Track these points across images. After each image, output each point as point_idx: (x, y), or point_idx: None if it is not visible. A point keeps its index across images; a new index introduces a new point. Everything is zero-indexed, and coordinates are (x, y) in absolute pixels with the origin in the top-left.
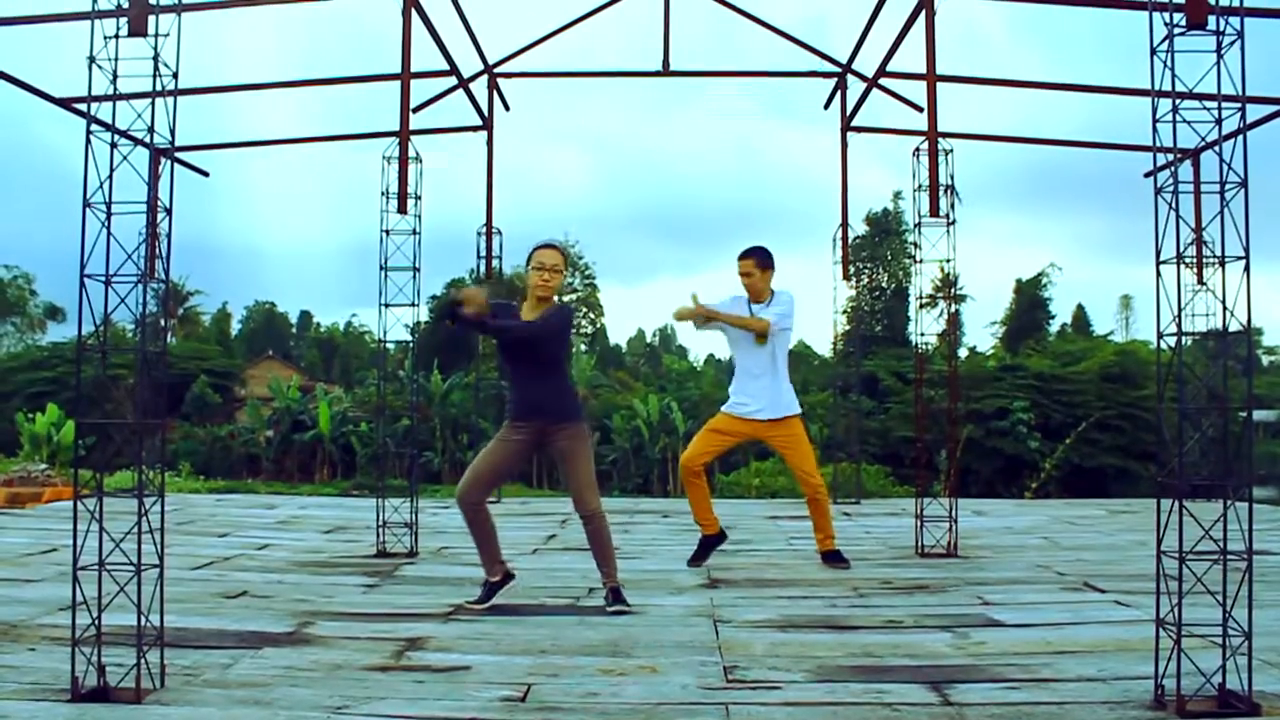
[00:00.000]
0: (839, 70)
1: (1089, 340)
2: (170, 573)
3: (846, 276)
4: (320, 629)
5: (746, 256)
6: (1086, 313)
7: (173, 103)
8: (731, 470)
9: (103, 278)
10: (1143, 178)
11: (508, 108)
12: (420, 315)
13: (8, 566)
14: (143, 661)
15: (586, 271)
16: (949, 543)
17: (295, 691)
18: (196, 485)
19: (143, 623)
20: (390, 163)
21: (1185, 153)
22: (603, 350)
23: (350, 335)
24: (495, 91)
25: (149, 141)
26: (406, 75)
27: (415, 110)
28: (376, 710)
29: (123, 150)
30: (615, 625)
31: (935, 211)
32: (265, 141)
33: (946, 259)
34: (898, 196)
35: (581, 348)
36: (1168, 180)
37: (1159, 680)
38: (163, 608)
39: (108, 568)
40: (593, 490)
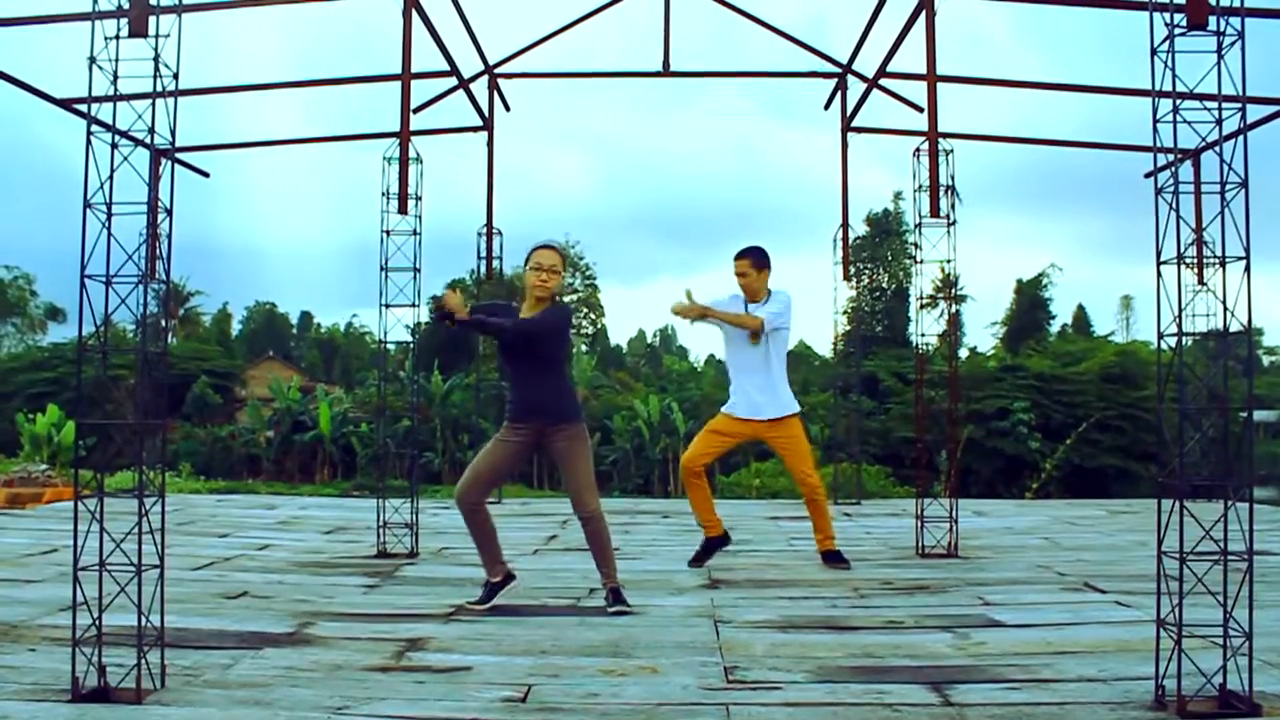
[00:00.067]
0: (839, 70)
1: (1089, 340)
2: (171, 573)
3: (847, 277)
4: (321, 629)
5: (742, 256)
6: (1087, 313)
7: (173, 103)
8: (732, 471)
9: (103, 278)
10: (1143, 178)
11: (508, 108)
12: (421, 316)
13: (8, 567)
14: (143, 662)
15: (587, 272)
16: (949, 543)
17: (295, 692)
18: (197, 486)
19: (143, 623)
20: (391, 163)
21: (1186, 153)
22: (603, 351)
23: (351, 336)
24: (496, 92)
25: (149, 142)
26: (407, 76)
27: (416, 111)
28: (377, 711)
29: (123, 151)
30: (616, 626)
31: (935, 212)
32: (266, 142)
33: (947, 259)
34: (898, 197)
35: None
36: (1168, 180)
37: (1160, 681)
38: (163, 608)
39: (108, 568)
40: (591, 491)
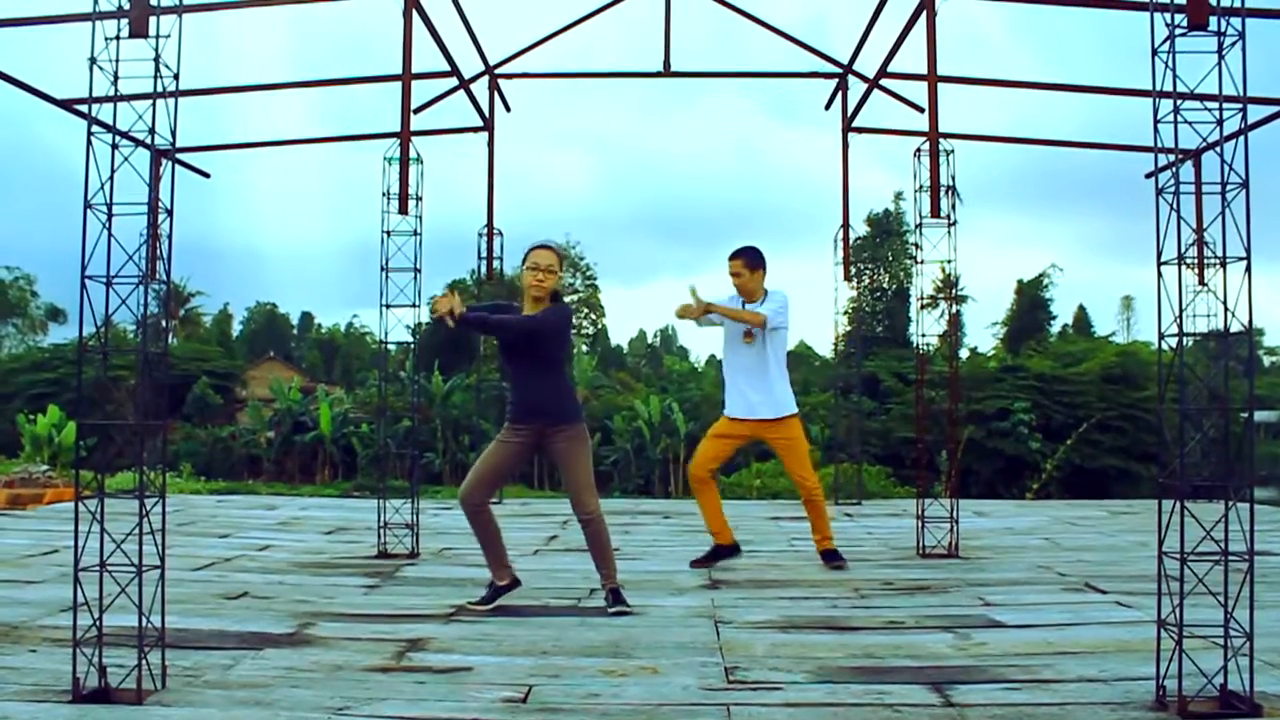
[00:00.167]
0: (840, 71)
1: (1090, 341)
2: (171, 574)
3: (848, 277)
4: (321, 630)
5: (735, 257)
6: (1088, 313)
7: (174, 104)
8: (732, 472)
9: (104, 279)
10: (1144, 178)
11: (509, 108)
12: (421, 316)
13: (9, 568)
14: (144, 662)
15: (588, 272)
16: (950, 543)
17: (296, 692)
18: (197, 486)
19: (144, 624)
20: (391, 164)
21: (1186, 153)
22: (604, 351)
23: (351, 336)
24: (496, 92)
25: (150, 143)
26: (407, 76)
27: (416, 111)
28: (377, 711)
29: (124, 151)
30: (616, 626)
31: (936, 212)
32: (266, 143)
33: (947, 259)
34: (899, 197)
35: (583, 348)
36: (1169, 181)
37: (1160, 681)
38: (164, 609)
39: (109, 569)
40: (591, 492)
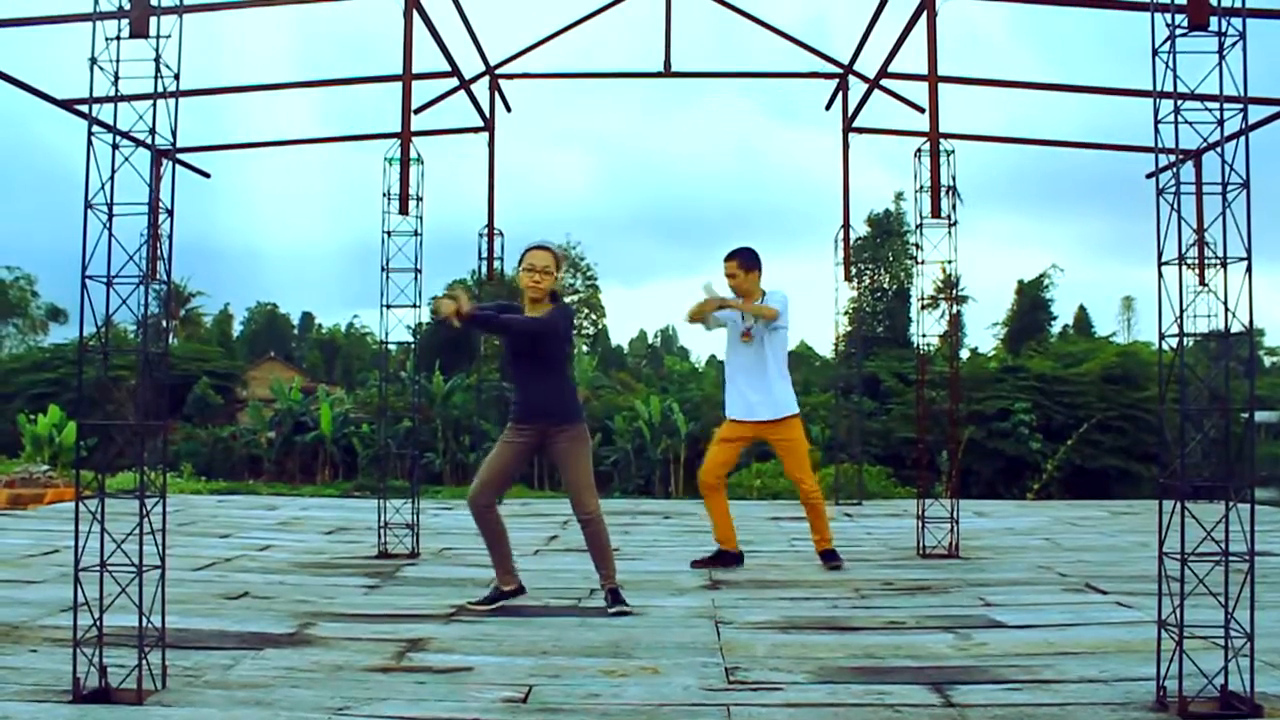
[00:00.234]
0: (840, 71)
1: (1091, 341)
2: (172, 574)
3: (848, 277)
4: (321, 630)
5: (730, 258)
6: (1088, 314)
7: (174, 104)
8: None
9: (104, 279)
10: (1144, 179)
11: (509, 109)
12: (422, 316)
13: (9, 568)
14: (144, 662)
15: (588, 272)
16: (950, 544)
17: (296, 692)
18: (198, 486)
19: (144, 624)
20: (392, 164)
21: (1187, 154)
22: (604, 351)
23: (352, 336)
24: (497, 92)
25: (150, 143)
26: (408, 76)
27: (417, 111)
28: (378, 711)
29: (124, 151)
30: (617, 626)
31: (937, 212)
32: (267, 143)
33: (948, 260)
34: (899, 197)
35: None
36: (1170, 181)
37: (1161, 681)
38: (164, 609)
39: (109, 569)
40: (591, 492)
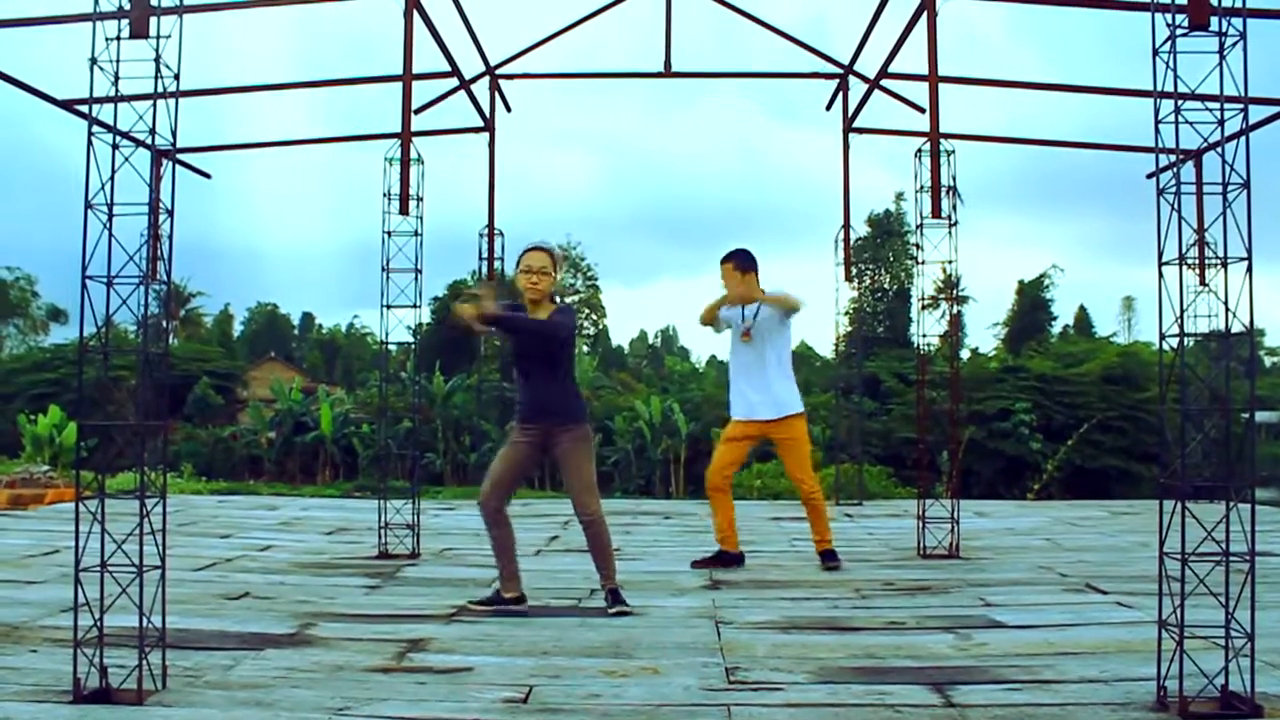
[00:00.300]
0: (841, 71)
1: (1091, 342)
2: (172, 574)
3: (848, 278)
4: (322, 630)
5: (726, 261)
6: (1089, 314)
7: (174, 104)
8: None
9: (104, 279)
10: (1145, 179)
11: (509, 109)
12: (423, 317)
13: (10, 568)
14: (144, 663)
15: (588, 273)
16: (951, 544)
17: (297, 693)
18: (198, 486)
19: (144, 624)
20: (392, 164)
21: (1187, 154)
22: (605, 351)
23: (352, 337)
24: (497, 93)
25: (150, 143)
26: (408, 77)
27: (417, 112)
28: (378, 712)
29: (124, 152)
30: (617, 626)
31: (937, 213)
32: (267, 143)
33: (948, 260)
34: (900, 198)
35: (584, 349)
36: (1170, 181)
37: (1161, 682)
38: (164, 609)
39: (110, 569)
40: (592, 494)
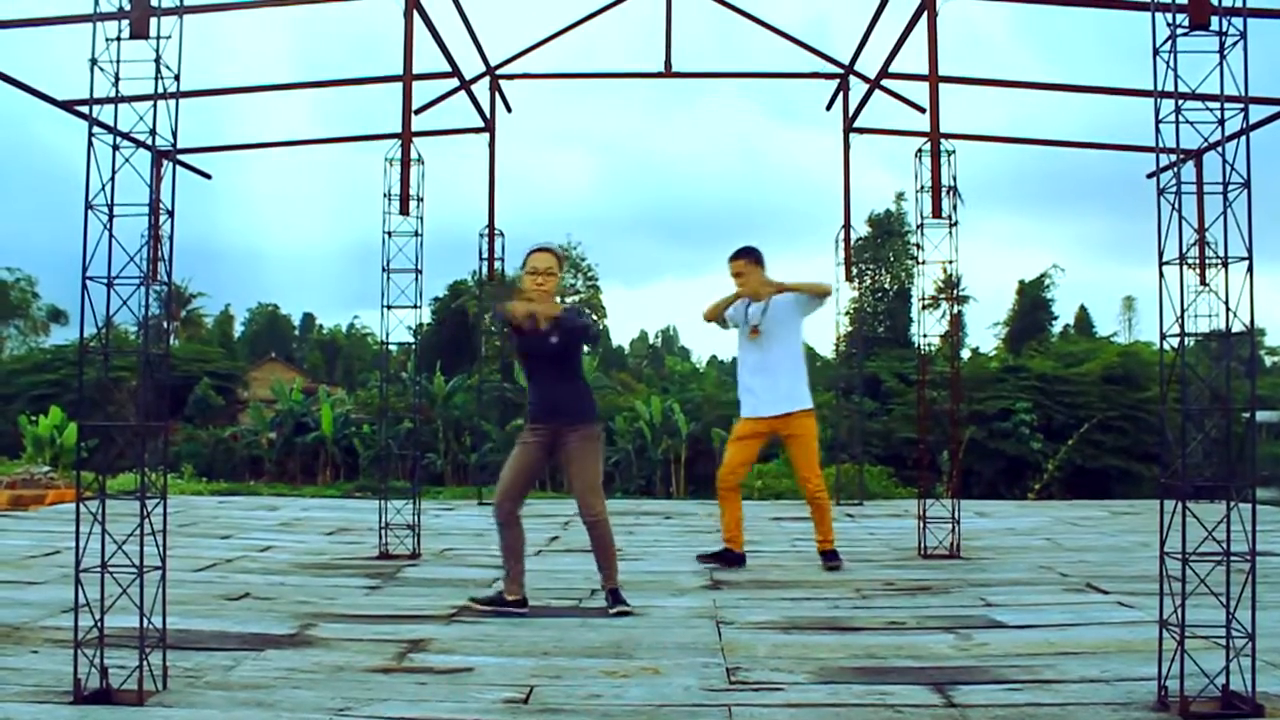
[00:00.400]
0: (841, 71)
1: (1092, 341)
2: (172, 574)
3: (849, 277)
4: (322, 631)
5: (737, 258)
6: (1089, 314)
7: (174, 105)
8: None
9: (105, 280)
10: (1145, 178)
11: (510, 109)
12: (423, 317)
13: (10, 569)
14: (145, 663)
15: (589, 273)
16: (951, 544)
17: (297, 693)
18: (199, 487)
19: (145, 625)
20: (392, 164)
21: (1188, 153)
22: (605, 352)
23: (353, 337)
24: (497, 93)
25: (151, 144)
26: (408, 77)
27: (417, 112)
28: (379, 712)
29: (124, 152)
30: (618, 627)
31: (938, 212)
32: (267, 144)
33: (949, 260)
34: (900, 198)
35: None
36: (1170, 181)
37: (1162, 681)
38: (165, 609)
39: (110, 570)
40: (597, 494)
